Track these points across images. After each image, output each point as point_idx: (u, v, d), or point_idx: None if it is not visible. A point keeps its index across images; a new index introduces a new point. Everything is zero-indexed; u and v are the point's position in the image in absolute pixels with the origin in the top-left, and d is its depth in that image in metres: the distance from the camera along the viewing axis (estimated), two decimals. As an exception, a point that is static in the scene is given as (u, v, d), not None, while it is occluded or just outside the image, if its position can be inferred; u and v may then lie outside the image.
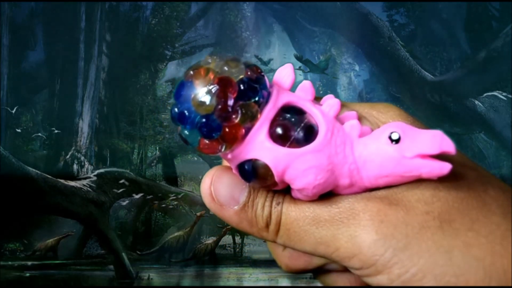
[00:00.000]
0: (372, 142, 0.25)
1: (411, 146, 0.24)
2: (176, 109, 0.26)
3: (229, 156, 0.26)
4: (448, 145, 0.23)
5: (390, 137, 0.25)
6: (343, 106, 0.29)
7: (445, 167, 0.24)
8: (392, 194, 0.25)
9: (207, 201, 0.28)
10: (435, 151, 0.23)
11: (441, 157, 0.24)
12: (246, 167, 0.25)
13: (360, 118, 0.28)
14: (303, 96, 0.27)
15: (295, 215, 0.26)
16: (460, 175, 0.25)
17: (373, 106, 0.29)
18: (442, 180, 0.24)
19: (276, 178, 0.25)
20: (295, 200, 0.27)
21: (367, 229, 0.24)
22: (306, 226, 0.25)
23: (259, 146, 0.24)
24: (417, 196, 0.25)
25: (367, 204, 0.24)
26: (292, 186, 0.25)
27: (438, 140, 0.23)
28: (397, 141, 0.24)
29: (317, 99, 0.31)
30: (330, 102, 0.27)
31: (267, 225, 0.26)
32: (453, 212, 0.24)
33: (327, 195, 0.25)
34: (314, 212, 0.25)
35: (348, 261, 0.24)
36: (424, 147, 0.24)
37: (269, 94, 0.26)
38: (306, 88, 0.28)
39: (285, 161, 0.25)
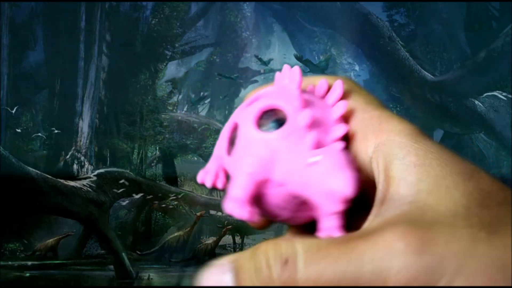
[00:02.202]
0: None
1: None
2: None
3: None
4: None
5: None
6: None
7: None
8: (425, 210, 0.23)
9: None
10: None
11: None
12: None
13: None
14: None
15: (326, 261, 0.22)
16: (487, 196, 0.25)
17: (387, 121, 0.28)
18: (469, 200, 0.24)
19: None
20: (310, 241, 0.23)
21: (420, 253, 0.22)
22: (342, 266, 0.22)
23: None
24: (452, 212, 0.23)
25: (410, 227, 0.22)
26: None
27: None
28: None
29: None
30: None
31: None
32: (495, 225, 0.23)
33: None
34: (347, 247, 0.22)
35: None
36: None
37: None
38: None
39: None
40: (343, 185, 0.22)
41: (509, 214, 0.23)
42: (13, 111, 4.18)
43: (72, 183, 3.73)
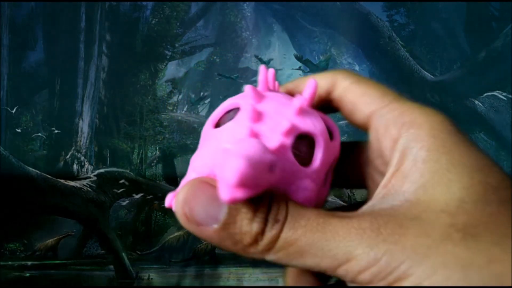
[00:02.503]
0: None
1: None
2: None
3: None
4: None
5: None
6: (393, 101, 0.28)
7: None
8: (415, 204, 0.24)
9: (182, 221, 0.26)
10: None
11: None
12: None
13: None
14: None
15: (303, 231, 0.24)
16: (492, 191, 0.24)
17: (409, 112, 0.27)
18: (469, 193, 0.24)
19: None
20: (300, 209, 0.25)
21: (387, 241, 0.23)
22: (314, 240, 0.24)
23: None
24: (441, 207, 0.23)
25: (390, 219, 0.24)
26: None
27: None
28: None
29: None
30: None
31: (256, 242, 0.24)
32: (479, 226, 0.22)
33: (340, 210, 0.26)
34: (326, 224, 0.24)
35: (357, 275, 0.23)
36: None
37: None
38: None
39: None
40: (229, 174, 0.22)
41: (509, 213, 0.23)
42: (13, 111, 4.18)
43: (72, 183, 3.73)
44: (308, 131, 0.27)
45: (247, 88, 0.28)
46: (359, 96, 0.29)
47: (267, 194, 0.25)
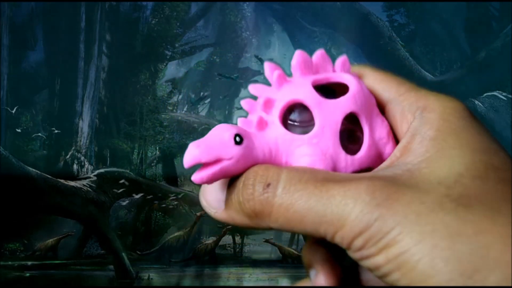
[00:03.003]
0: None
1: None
2: None
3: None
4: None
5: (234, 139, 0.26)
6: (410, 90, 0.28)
7: (197, 178, 0.26)
8: (415, 175, 0.24)
9: (206, 210, 0.28)
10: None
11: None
12: None
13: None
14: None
15: (299, 195, 0.24)
16: (493, 170, 0.24)
17: (424, 98, 0.28)
18: (469, 169, 0.24)
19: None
20: (296, 173, 0.25)
21: (380, 206, 0.23)
22: (311, 204, 0.24)
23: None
24: (440, 179, 0.23)
25: (386, 184, 0.23)
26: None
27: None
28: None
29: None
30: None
31: (254, 210, 0.25)
32: (473, 198, 0.22)
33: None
34: (323, 187, 0.24)
35: (351, 241, 0.23)
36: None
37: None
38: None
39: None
40: (185, 156, 0.26)
41: (507, 191, 0.23)
42: (13, 111, 4.18)
43: (72, 183, 3.73)
44: (292, 100, 0.27)
45: (273, 76, 0.28)
46: (378, 83, 0.29)
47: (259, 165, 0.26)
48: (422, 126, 0.26)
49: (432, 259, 0.21)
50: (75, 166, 4.23)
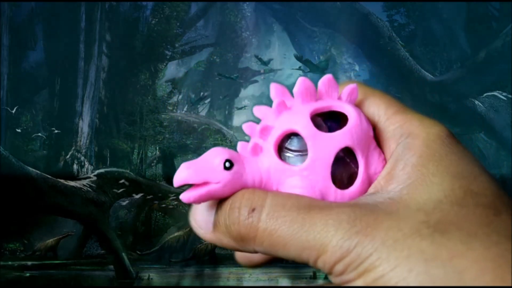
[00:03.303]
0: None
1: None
2: None
3: None
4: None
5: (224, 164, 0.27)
6: (396, 112, 0.29)
7: (184, 198, 0.27)
8: (396, 202, 0.25)
9: (194, 230, 0.29)
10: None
11: None
12: None
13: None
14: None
15: (283, 221, 0.25)
16: (472, 196, 0.25)
17: (409, 124, 0.28)
18: (448, 196, 0.24)
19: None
20: (281, 199, 0.26)
21: (359, 233, 0.23)
22: (294, 230, 0.24)
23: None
24: (419, 206, 0.24)
25: (366, 212, 0.24)
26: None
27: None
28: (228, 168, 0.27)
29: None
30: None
31: (239, 234, 0.26)
32: (450, 224, 0.23)
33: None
34: (305, 215, 0.25)
35: (333, 266, 0.24)
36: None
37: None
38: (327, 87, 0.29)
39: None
40: (175, 176, 0.27)
41: (485, 215, 0.23)
42: (13, 111, 4.18)
43: (72, 183, 3.73)
44: (288, 130, 0.27)
45: (274, 103, 0.28)
46: (371, 106, 0.30)
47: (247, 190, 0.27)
48: (405, 152, 0.27)
49: (407, 283, 0.22)
50: (75, 166, 4.23)
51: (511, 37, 4.16)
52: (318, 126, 0.27)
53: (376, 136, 0.29)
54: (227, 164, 0.27)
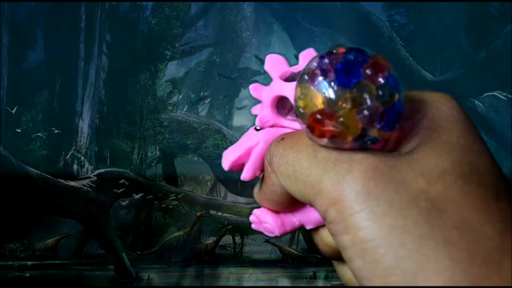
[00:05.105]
0: None
1: None
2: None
3: None
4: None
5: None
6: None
7: (245, 176, 0.29)
8: (401, 158, 0.24)
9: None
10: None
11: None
12: None
13: None
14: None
15: (297, 148, 0.26)
16: (477, 174, 0.24)
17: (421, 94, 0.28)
18: (454, 168, 0.24)
19: None
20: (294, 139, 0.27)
21: (355, 179, 0.23)
22: (304, 161, 0.25)
23: None
24: (423, 171, 0.23)
25: (368, 157, 0.24)
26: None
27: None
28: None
29: None
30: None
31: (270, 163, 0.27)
32: (449, 203, 0.22)
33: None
34: (314, 149, 0.25)
35: (326, 209, 0.23)
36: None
37: None
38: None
39: None
40: (222, 162, 0.29)
41: (485, 198, 0.23)
42: (13, 111, 4.18)
43: (72, 183, 3.73)
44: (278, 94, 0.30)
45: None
46: None
47: None
48: (415, 113, 0.26)
49: (397, 257, 0.21)
50: (75, 166, 4.23)
51: (511, 37, 4.16)
52: None
53: None
54: (257, 128, 0.30)
